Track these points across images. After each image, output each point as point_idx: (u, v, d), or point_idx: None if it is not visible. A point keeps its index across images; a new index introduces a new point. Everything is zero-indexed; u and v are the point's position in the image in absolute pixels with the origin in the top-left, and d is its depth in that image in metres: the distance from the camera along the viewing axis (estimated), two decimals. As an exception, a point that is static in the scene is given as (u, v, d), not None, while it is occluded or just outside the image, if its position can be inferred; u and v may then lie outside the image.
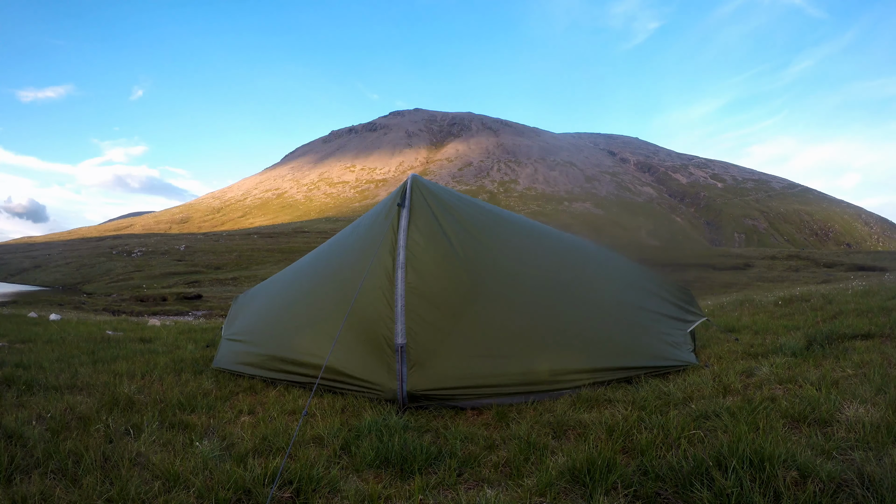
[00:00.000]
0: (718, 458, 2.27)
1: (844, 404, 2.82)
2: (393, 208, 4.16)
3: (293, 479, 2.39)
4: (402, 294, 3.75)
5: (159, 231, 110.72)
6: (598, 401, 3.49)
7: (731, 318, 7.22)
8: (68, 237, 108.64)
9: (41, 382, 4.06)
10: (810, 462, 2.18)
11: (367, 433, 3.01)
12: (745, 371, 3.90)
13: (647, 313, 4.77)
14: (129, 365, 5.01)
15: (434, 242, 4.02)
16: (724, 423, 2.74)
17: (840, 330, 4.79)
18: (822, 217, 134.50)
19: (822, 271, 40.27)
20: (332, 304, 4.24)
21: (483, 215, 4.75)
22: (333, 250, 4.96)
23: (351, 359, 3.84)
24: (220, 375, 4.70)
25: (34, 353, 5.61)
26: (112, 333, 7.90)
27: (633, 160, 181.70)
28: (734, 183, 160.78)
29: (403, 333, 3.64)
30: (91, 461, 2.53)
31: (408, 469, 2.59)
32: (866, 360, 3.75)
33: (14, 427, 2.88)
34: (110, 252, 63.83)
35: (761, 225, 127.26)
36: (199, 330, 9.03)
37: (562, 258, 4.94)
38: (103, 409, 3.45)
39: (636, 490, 2.24)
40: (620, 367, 3.99)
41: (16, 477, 2.38)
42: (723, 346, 5.12)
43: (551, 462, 2.54)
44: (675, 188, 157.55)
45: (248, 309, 5.65)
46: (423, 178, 4.43)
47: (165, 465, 2.50)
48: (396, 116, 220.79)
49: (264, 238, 74.89)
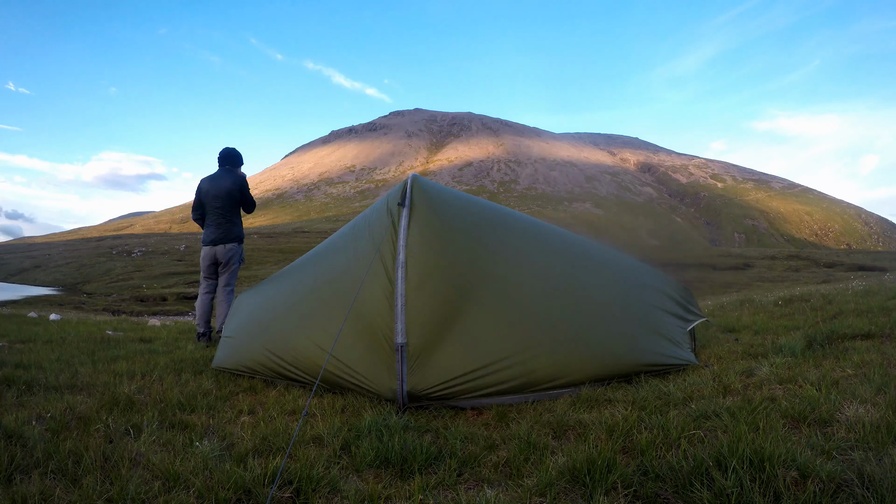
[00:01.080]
0: (718, 458, 2.27)
1: (844, 404, 2.82)
2: (393, 207, 4.16)
3: (293, 479, 2.39)
4: (403, 293, 3.75)
5: (159, 231, 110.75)
6: (598, 401, 3.49)
7: (731, 318, 7.22)
8: (68, 237, 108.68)
9: (41, 382, 4.07)
10: (810, 462, 2.18)
11: (367, 433, 3.01)
12: (745, 371, 3.90)
13: (649, 309, 4.77)
14: (129, 365, 5.01)
15: (434, 241, 4.02)
16: (724, 424, 2.74)
17: (840, 330, 4.79)
18: (822, 217, 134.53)
19: (822, 271, 40.28)
20: (331, 303, 4.24)
21: (484, 214, 4.75)
22: (333, 249, 4.96)
23: (350, 357, 3.85)
24: (220, 375, 4.70)
25: (34, 353, 5.61)
26: (112, 333, 7.90)
27: (633, 160, 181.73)
28: (734, 183, 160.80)
29: (404, 333, 3.64)
30: (91, 461, 2.53)
31: (408, 469, 2.59)
32: (866, 360, 3.75)
33: (14, 427, 2.88)
34: (110, 252, 63.84)
35: (761, 225, 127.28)
36: (199, 330, 9.01)
37: (563, 255, 4.93)
38: (103, 409, 3.45)
39: (636, 490, 2.24)
40: (622, 365, 3.99)
41: (16, 477, 2.38)
42: (723, 346, 5.12)
43: (551, 462, 2.53)
44: (675, 188, 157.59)
45: (246, 308, 5.65)
46: (423, 177, 4.43)
47: (165, 465, 2.50)
48: (396, 116, 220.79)
49: (264, 238, 74.89)
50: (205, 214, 7.00)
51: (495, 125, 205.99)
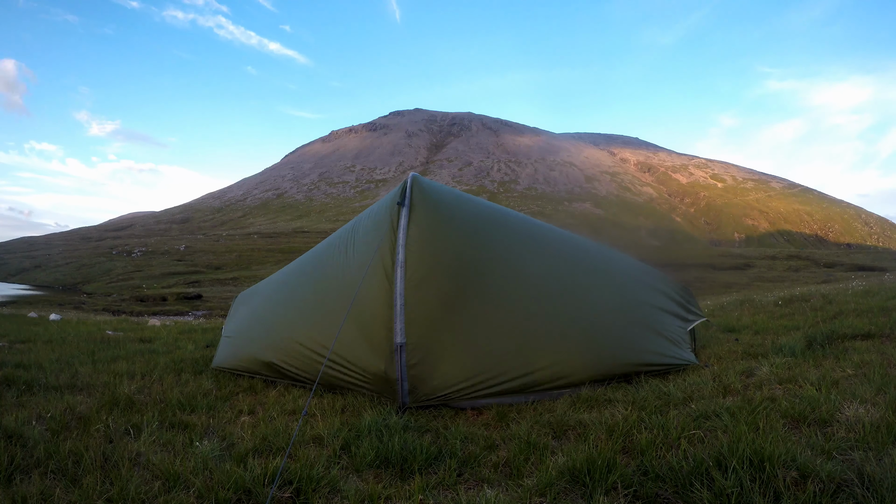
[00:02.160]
0: (718, 458, 2.27)
1: (844, 404, 2.82)
2: (393, 207, 4.16)
3: (293, 479, 2.39)
4: (402, 293, 3.75)
5: (159, 231, 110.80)
6: (598, 401, 3.49)
7: (731, 318, 7.23)
8: (68, 237, 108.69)
9: (41, 382, 4.07)
10: (810, 462, 2.18)
11: (367, 433, 3.01)
12: (745, 371, 3.90)
13: (649, 309, 4.77)
14: (129, 365, 5.01)
15: (434, 241, 4.02)
16: (724, 424, 2.74)
17: (840, 330, 4.79)
18: (822, 217, 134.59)
19: (822, 271, 40.29)
20: (331, 303, 4.24)
21: (483, 213, 4.74)
22: (332, 249, 4.96)
23: (350, 357, 3.84)
24: (220, 375, 4.70)
25: (34, 353, 5.61)
26: (112, 333, 7.90)
27: (633, 160, 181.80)
28: (734, 183, 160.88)
29: (403, 332, 3.64)
30: (91, 461, 2.53)
31: (408, 469, 2.59)
32: (866, 360, 3.75)
33: (14, 427, 2.88)
34: (110, 252, 63.86)
35: (761, 225, 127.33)
36: (199, 330, 9.03)
37: (563, 255, 4.93)
38: (103, 409, 3.45)
39: (636, 490, 2.24)
40: (622, 365, 3.99)
41: (16, 477, 2.38)
42: (723, 346, 5.13)
43: (551, 462, 2.53)
44: (675, 188, 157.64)
45: (246, 307, 5.65)
46: (423, 177, 4.42)
47: (165, 465, 2.50)
48: (396, 116, 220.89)
49: (264, 238, 74.92)
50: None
51: (495, 125, 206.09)
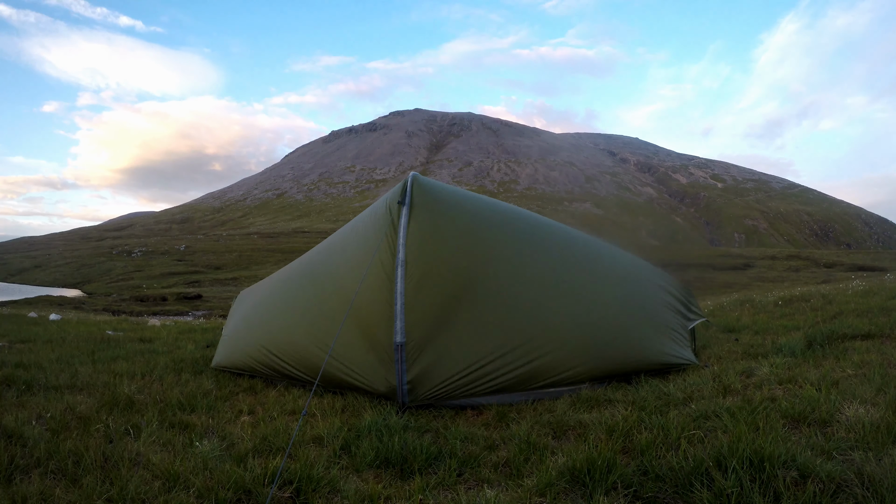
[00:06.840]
0: (718, 458, 2.27)
1: (844, 404, 2.82)
2: (393, 205, 4.16)
3: (293, 479, 2.39)
4: (402, 292, 3.75)
5: (159, 231, 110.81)
6: (598, 401, 3.49)
7: (731, 319, 7.23)
8: (68, 236, 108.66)
9: (41, 382, 4.07)
10: (810, 462, 2.18)
11: (367, 433, 3.01)
12: (745, 371, 3.90)
13: (651, 305, 4.78)
14: (129, 365, 5.01)
15: (434, 240, 4.02)
16: (723, 424, 2.74)
17: (840, 330, 4.79)
18: (822, 217, 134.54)
19: (822, 271, 40.31)
20: (331, 302, 4.24)
21: (485, 212, 4.73)
22: (333, 248, 4.96)
23: (350, 356, 3.84)
24: (220, 375, 4.70)
25: (34, 353, 5.61)
26: (112, 333, 7.91)
27: (633, 160, 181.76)
28: (734, 183, 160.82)
29: (403, 332, 3.64)
30: (91, 461, 2.53)
31: (408, 469, 2.59)
32: (866, 360, 3.75)
33: (14, 427, 2.88)
34: (110, 252, 63.83)
35: (761, 225, 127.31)
36: (199, 330, 9.03)
37: (565, 252, 4.92)
38: (103, 409, 3.45)
39: (636, 490, 2.24)
40: (622, 364, 3.99)
41: (16, 477, 2.38)
42: (723, 346, 5.13)
43: (551, 462, 2.54)
44: (675, 188, 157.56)
45: (247, 307, 5.65)
46: (423, 176, 4.42)
47: (165, 465, 2.50)
48: (396, 116, 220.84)
49: (264, 238, 74.91)
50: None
51: (495, 125, 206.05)
